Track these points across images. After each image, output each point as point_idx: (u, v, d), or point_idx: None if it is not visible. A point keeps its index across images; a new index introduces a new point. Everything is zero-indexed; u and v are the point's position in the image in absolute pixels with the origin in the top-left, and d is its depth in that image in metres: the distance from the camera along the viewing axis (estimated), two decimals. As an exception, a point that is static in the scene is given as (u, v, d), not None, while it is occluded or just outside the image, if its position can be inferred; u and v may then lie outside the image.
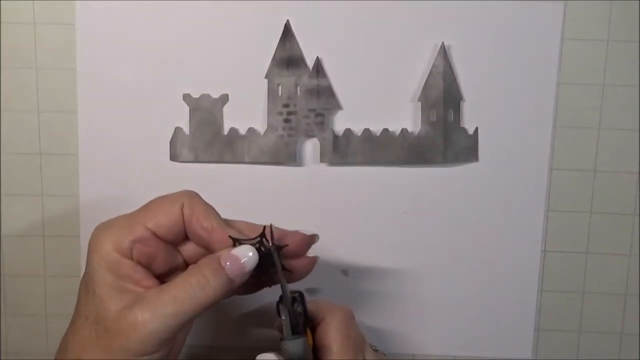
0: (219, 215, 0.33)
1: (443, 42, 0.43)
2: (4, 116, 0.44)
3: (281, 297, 0.33)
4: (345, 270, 0.46)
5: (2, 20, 0.43)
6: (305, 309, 0.33)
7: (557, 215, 0.45)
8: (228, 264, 0.31)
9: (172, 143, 0.44)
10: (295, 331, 0.32)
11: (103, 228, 0.32)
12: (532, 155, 0.44)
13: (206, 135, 0.44)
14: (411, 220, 0.45)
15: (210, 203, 0.44)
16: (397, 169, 0.44)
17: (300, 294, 0.33)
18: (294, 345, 0.33)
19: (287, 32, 0.43)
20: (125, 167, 0.44)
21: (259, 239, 0.32)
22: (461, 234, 0.45)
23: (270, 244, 0.32)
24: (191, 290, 0.30)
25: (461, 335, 0.46)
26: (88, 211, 0.45)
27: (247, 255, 0.31)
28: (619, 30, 0.43)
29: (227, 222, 0.34)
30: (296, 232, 0.34)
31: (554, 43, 0.43)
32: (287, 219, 0.45)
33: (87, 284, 0.32)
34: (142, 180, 0.44)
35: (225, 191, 0.44)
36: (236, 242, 0.32)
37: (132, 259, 0.32)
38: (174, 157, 0.44)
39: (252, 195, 0.44)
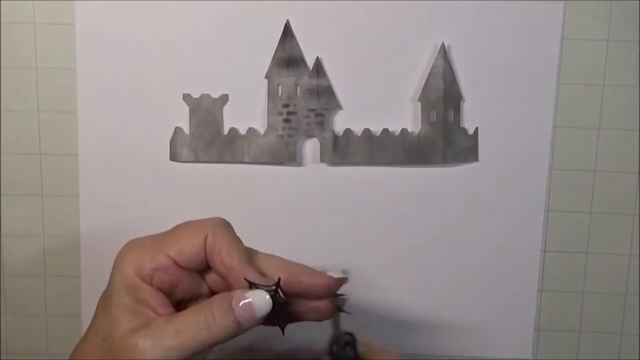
0: (242, 251, 0.32)
1: (443, 42, 0.43)
2: (4, 116, 0.44)
3: (333, 340, 0.32)
4: (345, 270, 0.45)
5: (2, 20, 0.43)
6: (356, 353, 0.32)
7: (557, 215, 0.45)
8: (240, 305, 0.30)
9: (172, 143, 0.44)
10: None
11: (128, 249, 0.33)
12: (532, 155, 0.44)
13: (206, 135, 0.44)
14: (411, 220, 0.45)
15: (210, 203, 0.44)
16: (397, 169, 0.44)
17: (353, 337, 0.32)
18: None
19: (287, 32, 0.43)
20: (125, 167, 0.44)
21: (274, 287, 0.30)
22: (461, 234, 0.45)
23: (284, 296, 0.31)
24: (196, 327, 0.30)
25: (461, 335, 0.46)
26: (88, 211, 0.45)
27: (260, 301, 0.30)
28: (619, 30, 0.43)
29: (251, 256, 0.33)
30: (324, 275, 0.33)
31: (554, 43, 0.43)
32: (287, 219, 0.45)
33: (105, 300, 0.32)
34: (142, 180, 0.44)
35: (225, 191, 0.44)
36: (252, 285, 0.30)
37: (151, 285, 0.31)
38: (174, 157, 0.44)
39: (252, 195, 0.44)
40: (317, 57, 0.43)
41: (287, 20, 0.43)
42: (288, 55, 0.43)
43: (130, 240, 0.33)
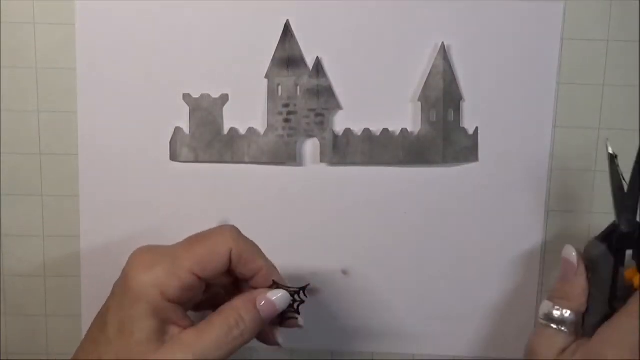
0: (262, 254, 0.35)
1: (443, 42, 0.43)
2: (4, 116, 0.44)
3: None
4: (345, 270, 0.46)
5: (2, 20, 0.43)
6: None
7: (557, 215, 0.45)
8: (262, 303, 0.33)
9: (172, 143, 0.44)
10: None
11: (142, 268, 0.32)
12: (532, 155, 0.44)
13: (206, 135, 0.44)
14: (411, 220, 0.45)
15: (210, 203, 0.44)
16: (397, 169, 0.44)
17: None
18: (596, 247, 0.37)
19: (287, 32, 0.43)
20: (125, 167, 0.44)
21: (297, 289, 0.35)
22: (461, 234, 0.45)
23: (304, 297, 0.35)
24: (230, 334, 0.32)
25: (461, 335, 0.46)
26: (88, 211, 0.45)
27: (281, 298, 0.34)
28: (619, 30, 0.43)
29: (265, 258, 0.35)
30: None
31: (554, 43, 0.43)
32: (287, 219, 0.45)
33: (123, 324, 0.31)
34: (142, 180, 0.44)
35: (225, 191, 0.44)
36: (275, 284, 0.35)
37: (177, 303, 0.32)
38: (174, 157, 0.44)
39: (252, 195, 0.44)
40: (317, 57, 0.43)
41: (287, 20, 0.43)
42: (288, 55, 0.43)
43: (138, 257, 0.33)
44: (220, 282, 0.35)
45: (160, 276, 0.31)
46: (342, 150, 0.44)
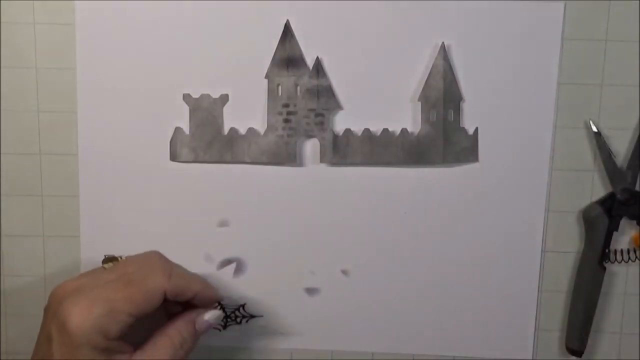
0: (195, 280, 0.39)
1: (443, 42, 0.43)
2: (4, 116, 0.44)
3: None
4: (345, 270, 0.45)
5: (2, 20, 0.43)
6: None
7: (557, 215, 0.45)
8: (201, 323, 0.38)
9: (172, 143, 0.44)
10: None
11: (82, 316, 0.34)
12: (532, 155, 0.44)
13: (206, 135, 0.44)
14: (411, 220, 0.45)
15: (211, 203, 0.44)
16: (397, 169, 0.44)
17: None
18: (594, 209, 0.43)
19: (287, 32, 0.43)
20: (125, 167, 0.44)
21: (235, 308, 0.44)
22: (461, 234, 0.45)
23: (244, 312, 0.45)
24: (176, 355, 0.36)
25: (461, 335, 0.46)
26: (88, 211, 0.45)
27: (215, 318, 0.39)
28: (619, 29, 0.43)
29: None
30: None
31: (554, 43, 0.43)
32: (287, 219, 0.45)
33: None
34: (142, 180, 0.44)
35: (225, 191, 0.44)
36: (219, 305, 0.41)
37: (118, 339, 0.34)
38: (174, 157, 0.44)
39: (252, 195, 0.44)
40: (317, 57, 0.43)
41: (287, 20, 0.43)
42: (288, 55, 0.43)
43: (72, 303, 0.34)
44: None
45: (101, 322, 0.34)
46: (342, 150, 0.44)
